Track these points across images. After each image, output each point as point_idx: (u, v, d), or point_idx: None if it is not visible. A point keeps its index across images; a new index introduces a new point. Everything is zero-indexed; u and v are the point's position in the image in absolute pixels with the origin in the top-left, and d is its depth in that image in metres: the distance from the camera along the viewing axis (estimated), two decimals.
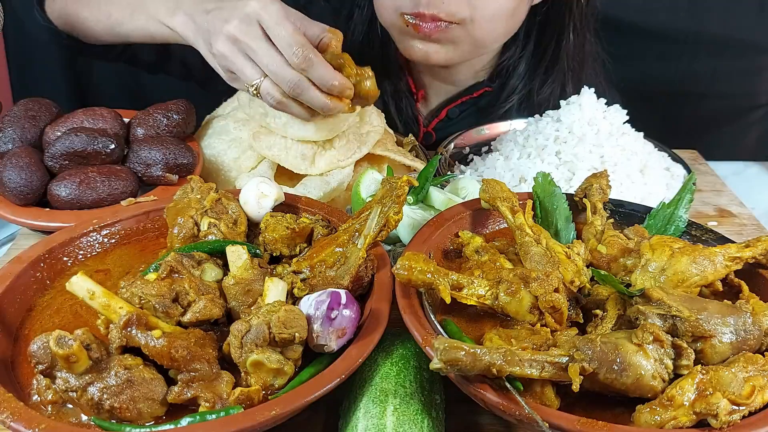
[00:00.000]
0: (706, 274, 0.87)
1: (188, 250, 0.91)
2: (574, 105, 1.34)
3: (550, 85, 1.61)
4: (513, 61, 1.62)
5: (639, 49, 2.02)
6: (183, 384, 0.76)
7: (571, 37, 1.57)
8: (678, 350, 0.75)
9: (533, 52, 1.61)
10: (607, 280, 0.85)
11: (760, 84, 2.12)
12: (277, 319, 0.76)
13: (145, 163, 1.20)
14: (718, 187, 1.51)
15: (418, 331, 0.80)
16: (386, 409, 0.78)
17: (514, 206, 0.97)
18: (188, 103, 1.31)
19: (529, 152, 1.33)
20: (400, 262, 0.83)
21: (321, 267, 0.89)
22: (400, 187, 0.92)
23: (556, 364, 0.72)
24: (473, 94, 1.66)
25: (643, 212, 1.05)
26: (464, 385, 0.75)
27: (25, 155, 1.15)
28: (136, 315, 0.76)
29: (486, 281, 0.84)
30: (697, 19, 2.00)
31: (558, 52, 1.59)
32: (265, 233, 0.96)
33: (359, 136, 1.28)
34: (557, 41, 1.58)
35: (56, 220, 1.11)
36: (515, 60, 1.62)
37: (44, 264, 0.94)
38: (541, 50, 1.61)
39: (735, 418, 0.70)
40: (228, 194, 1.01)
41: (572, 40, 1.58)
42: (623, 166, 1.26)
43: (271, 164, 1.26)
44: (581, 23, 1.57)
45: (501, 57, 1.63)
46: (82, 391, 0.73)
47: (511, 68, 1.63)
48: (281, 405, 0.72)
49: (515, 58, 1.62)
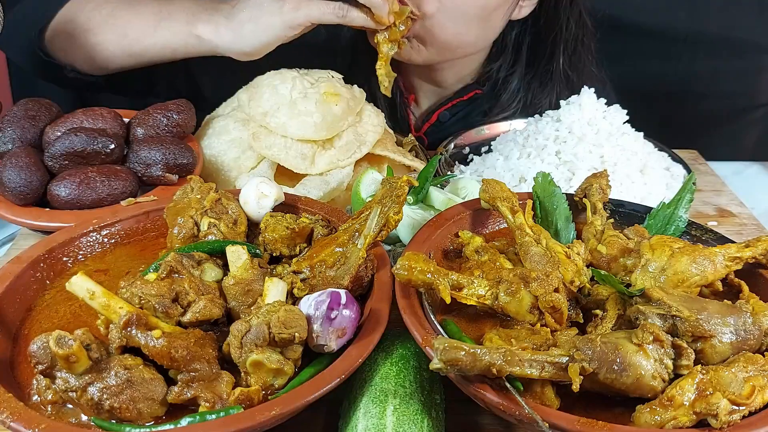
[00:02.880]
0: (706, 274, 0.87)
1: (188, 250, 0.91)
2: (574, 105, 1.34)
3: (546, 98, 1.61)
4: (503, 74, 1.62)
5: (639, 48, 2.02)
6: (183, 384, 0.76)
7: (563, 56, 1.57)
8: (678, 350, 0.75)
9: (526, 68, 1.61)
10: (607, 280, 0.85)
11: (760, 84, 2.12)
12: (277, 319, 0.76)
13: (145, 163, 1.20)
14: (718, 187, 1.51)
15: (418, 331, 0.80)
16: (386, 409, 0.78)
17: (514, 206, 0.97)
18: (188, 103, 1.31)
19: (529, 152, 1.33)
20: (400, 262, 0.83)
21: (321, 267, 0.89)
22: (400, 187, 0.92)
23: (556, 364, 0.72)
24: (463, 96, 1.66)
25: (643, 212, 1.05)
26: (464, 385, 0.75)
27: (25, 155, 1.15)
28: (136, 315, 0.76)
29: (486, 281, 0.84)
30: (697, 19, 2.00)
31: (551, 68, 1.59)
32: (265, 233, 0.96)
33: (359, 136, 1.28)
34: (549, 59, 1.58)
35: (56, 220, 1.11)
36: (506, 74, 1.61)
37: (44, 264, 0.94)
38: (533, 68, 1.61)
39: (735, 418, 0.70)
40: (228, 194, 1.01)
41: (565, 58, 1.58)
42: (623, 166, 1.26)
43: (271, 164, 1.26)
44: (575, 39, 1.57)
45: (487, 66, 1.63)
46: (82, 391, 0.73)
47: (501, 81, 1.62)
48: (281, 405, 0.72)
49: (504, 70, 1.61)
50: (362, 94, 1.34)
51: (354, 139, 1.27)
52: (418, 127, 1.70)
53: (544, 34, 1.56)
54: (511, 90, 1.62)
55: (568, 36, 1.56)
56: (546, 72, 1.60)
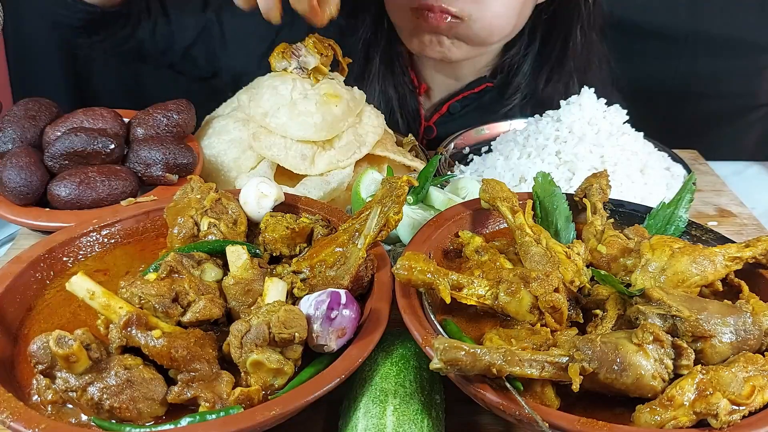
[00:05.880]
0: (706, 274, 0.87)
1: (188, 250, 0.91)
2: (574, 105, 1.34)
3: (555, 84, 1.61)
4: (517, 59, 1.63)
5: (639, 48, 2.02)
6: (183, 384, 0.76)
7: (578, 38, 1.58)
8: (678, 350, 0.75)
9: (539, 51, 1.62)
10: (607, 280, 0.85)
11: (760, 84, 2.12)
12: (277, 319, 0.76)
13: (145, 163, 1.20)
14: (718, 187, 1.51)
15: (418, 331, 0.80)
16: (386, 409, 0.78)
17: (514, 206, 0.97)
18: (188, 103, 1.31)
19: (529, 152, 1.33)
20: (400, 262, 0.83)
21: (321, 267, 0.89)
22: (400, 187, 0.92)
23: (556, 364, 0.72)
24: (475, 89, 1.67)
25: (643, 212, 1.05)
26: (464, 385, 0.75)
27: (25, 155, 1.15)
28: (136, 315, 0.76)
29: (486, 281, 0.84)
30: (697, 19, 2.00)
31: (565, 52, 1.59)
32: (265, 233, 0.96)
33: (359, 137, 1.28)
34: (564, 41, 1.59)
35: (56, 220, 1.11)
36: (519, 58, 1.63)
37: (44, 264, 0.94)
38: (547, 50, 1.61)
39: (735, 418, 0.70)
40: (228, 194, 1.01)
41: (579, 41, 1.58)
42: (623, 166, 1.26)
43: (271, 164, 1.26)
44: (589, 24, 1.58)
45: (504, 54, 1.64)
46: (82, 391, 0.73)
47: (515, 66, 1.63)
48: (281, 405, 0.71)
49: (519, 56, 1.62)
50: (362, 96, 1.34)
51: (354, 139, 1.27)
52: (428, 117, 1.71)
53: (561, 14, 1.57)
54: (522, 72, 1.63)
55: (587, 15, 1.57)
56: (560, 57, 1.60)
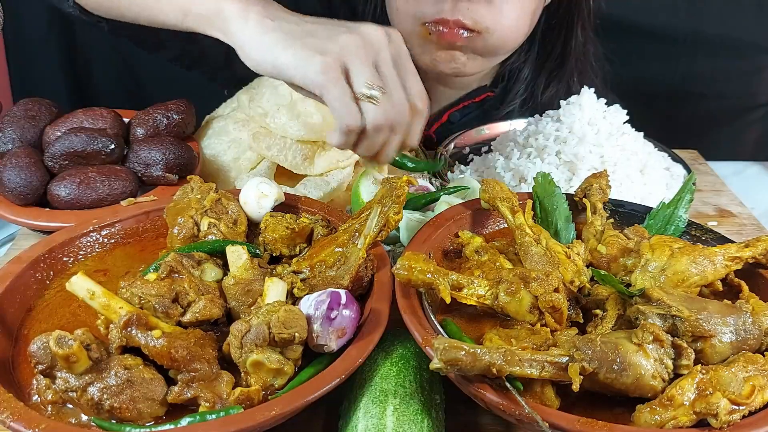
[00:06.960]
0: (706, 274, 0.87)
1: (188, 250, 0.91)
2: (574, 105, 1.34)
3: (555, 86, 1.61)
4: (518, 65, 1.62)
5: (639, 49, 2.01)
6: (183, 384, 0.76)
7: (579, 37, 1.57)
8: (678, 350, 0.75)
9: (538, 53, 1.61)
10: (607, 280, 0.85)
11: (760, 84, 2.12)
12: (277, 319, 0.76)
13: (145, 163, 1.20)
14: (718, 187, 1.51)
15: (418, 331, 0.80)
16: (386, 409, 0.78)
17: (514, 206, 0.97)
18: (188, 103, 1.31)
19: (529, 152, 1.33)
20: (400, 262, 0.83)
21: (321, 267, 0.89)
22: (400, 187, 0.92)
23: (556, 364, 0.72)
24: (475, 98, 1.65)
25: (643, 212, 1.05)
26: (464, 385, 0.75)
27: (25, 155, 1.15)
28: (136, 315, 0.76)
29: (486, 281, 0.84)
30: (696, 19, 2.00)
31: (565, 52, 1.58)
32: (265, 233, 0.96)
33: None
34: (564, 41, 1.58)
35: (56, 220, 1.11)
36: (520, 63, 1.62)
37: (44, 264, 0.94)
38: (547, 51, 1.60)
39: (735, 418, 0.70)
40: (228, 194, 1.01)
41: (580, 40, 1.57)
42: (623, 166, 1.26)
43: (270, 164, 1.26)
44: (589, 22, 1.57)
45: (506, 61, 1.62)
46: (82, 391, 0.73)
47: (515, 71, 1.62)
48: (281, 405, 0.71)
49: (520, 61, 1.61)
50: None
51: None
52: (428, 126, 1.70)
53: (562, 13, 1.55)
54: (522, 77, 1.61)
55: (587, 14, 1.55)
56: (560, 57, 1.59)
